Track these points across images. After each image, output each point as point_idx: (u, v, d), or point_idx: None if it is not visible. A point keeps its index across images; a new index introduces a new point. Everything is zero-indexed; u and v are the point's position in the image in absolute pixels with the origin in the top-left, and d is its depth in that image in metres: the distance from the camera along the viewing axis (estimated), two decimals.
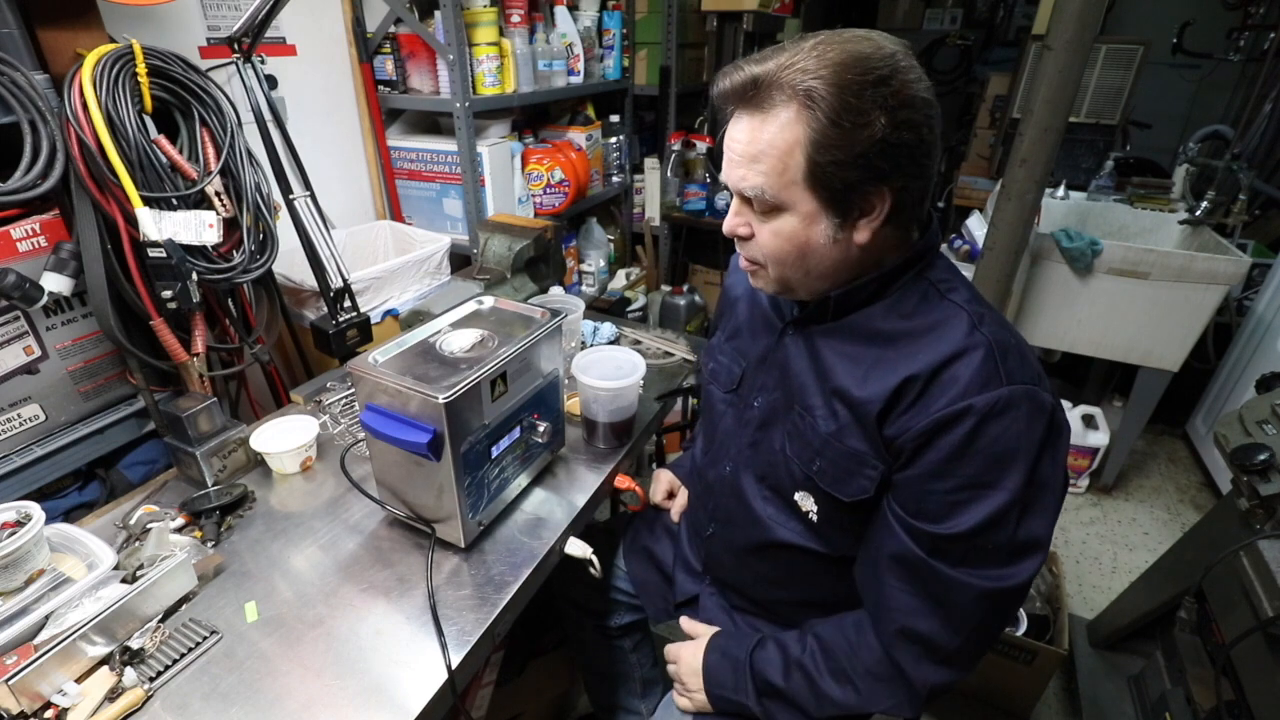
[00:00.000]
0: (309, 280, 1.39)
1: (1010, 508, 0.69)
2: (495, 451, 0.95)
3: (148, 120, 1.13)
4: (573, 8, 2.35)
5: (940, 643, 0.75)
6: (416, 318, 1.65)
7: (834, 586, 0.90)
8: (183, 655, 0.80)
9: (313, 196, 1.30)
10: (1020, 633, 1.60)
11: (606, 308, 2.73)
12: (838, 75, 0.64)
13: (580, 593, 1.28)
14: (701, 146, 2.97)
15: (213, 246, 1.20)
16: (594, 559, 1.02)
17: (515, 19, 2.01)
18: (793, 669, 0.86)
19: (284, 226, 1.31)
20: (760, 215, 0.74)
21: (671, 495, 1.23)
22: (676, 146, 2.89)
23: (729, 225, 0.78)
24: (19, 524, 0.82)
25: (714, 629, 0.99)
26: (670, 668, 1.01)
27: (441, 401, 0.81)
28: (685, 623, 1.04)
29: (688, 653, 0.98)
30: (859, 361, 0.77)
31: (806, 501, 0.85)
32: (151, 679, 0.77)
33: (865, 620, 0.83)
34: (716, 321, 1.09)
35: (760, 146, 0.69)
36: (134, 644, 0.80)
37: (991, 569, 0.72)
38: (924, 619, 0.75)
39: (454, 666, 0.79)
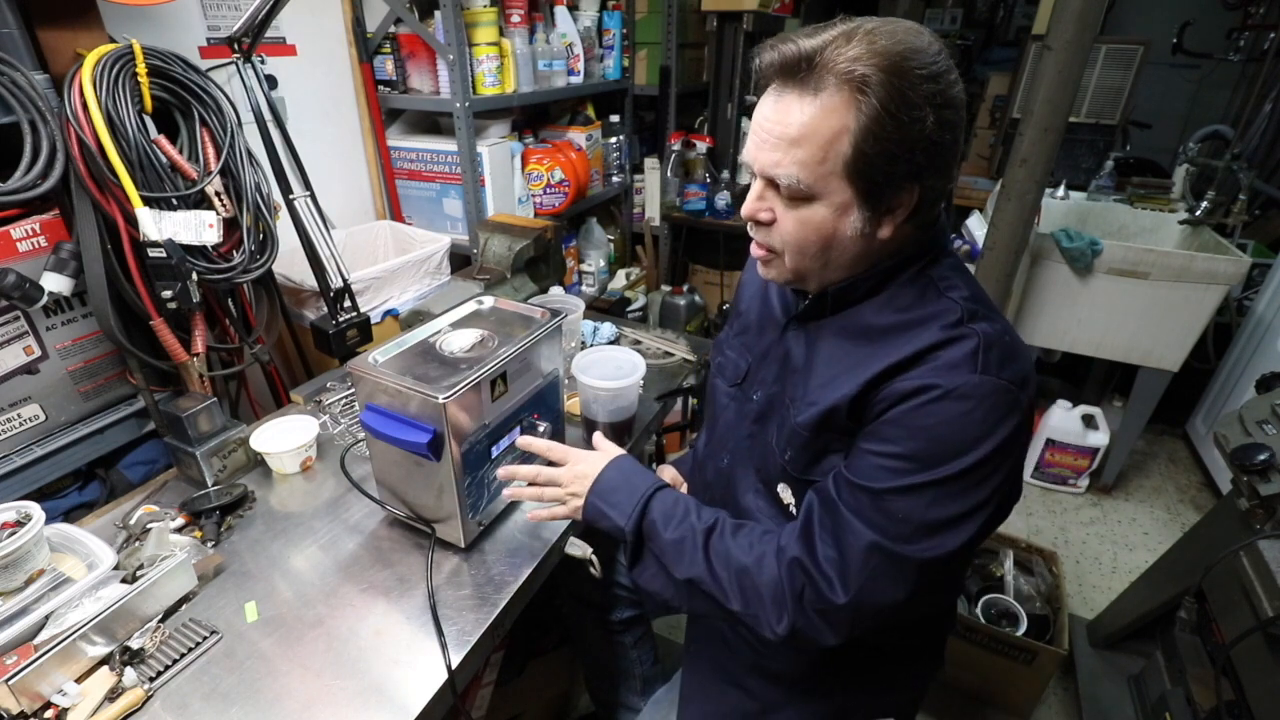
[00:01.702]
0: (309, 280, 1.39)
1: (928, 487, 0.68)
2: (495, 451, 0.95)
3: (148, 120, 1.13)
4: (573, 8, 2.35)
5: (827, 594, 0.71)
6: (416, 318, 1.65)
7: None
8: (183, 655, 0.80)
9: (313, 196, 1.30)
10: (1020, 633, 1.60)
11: (606, 308, 2.73)
12: (895, 66, 0.62)
13: (582, 587, 1.28)
14: (701, 146, 2.97)
15: (213, 246, 1.19)
16: (594, 559, 1.02)
17: (515, 19, 2.01)
18: (684, 527, 0.82)
19: (284, 226, 1.31)
20: (787, 201, 0.71)
21: None
22: (676, 146, 2.89)
23: (749, 209, 0.74)
24: (19, 524, 0.83)
25: (621, 450, 0.93)
26: (558, 471, 0.91)
27: (441, 401, 0.81)
28: (597, 442, 0.97)
29: (581, 456, 0.91)
30: (846, 357, 0.77)
31: (786, 494, 0.85)
32: (151, 679, 0.77)
33: (776, 534, 0.80)
34: (729, 316, 1.08)
35: (802, 130, 0.65)
36: (134, 644, 0.80)
37: (890, 531, 0.69)
38: (819, 561, 0.72)
39: (454, 666, 0.79)
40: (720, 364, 1.01)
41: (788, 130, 0.66)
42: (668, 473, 1.25)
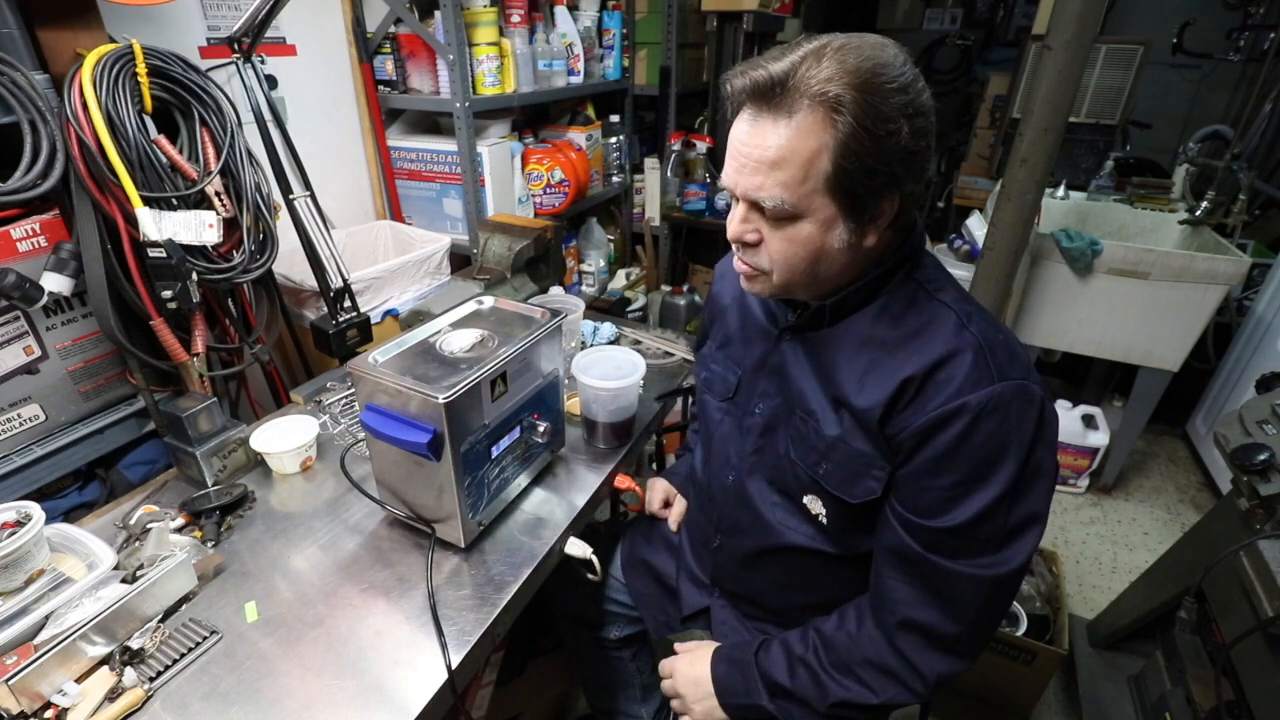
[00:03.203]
0: (309, 280, 1.39)
1: (1001, 500, 0.71)
2: (495, 451, 0.95)
3: (148, 120, 1.13)
4: (573, 8, 2.35)
5: (942, 631, 0.76)
6: (416, 318, 1.65)
7: (846, 587, 0.91)
8: (183, 655, 0.80)
9: (313, 196, 1.30)
10: (1020, 633, 1.60)
11: (606, 308, 2.73)
12: (865, 82, 0.64)
13: (576, 605, 1.26)
14: (701, 146, 2.97)
15: (213, 246, 1.19)
16: (594, 559, 1.02)
17: (515, 19, 2.01)
18: (797, 666, 0.86)
19: (284, 226, 1.31)
20: (772, 222, 0.72)
21: (667, 504, 1.22)
22: (676, 146, 2.89)
23: (735, 231, 0.74)
24: (19, 524, 0.82)
25: (712, 643, 0.98)
26: (666, 684, 0.99)
27: (441, 401, 0.81)
28: (679, 646, 1.02)
29: (683, 664, 0.97)
30: (856, 367, 0.78)
31: (815, 504, 0.85)
32: (151, 679, 0.77)
33: (866, 611, 0.84)
34: (706, 330, 1.08)
35: (781, 153, 0.66)
36: (134, 644, 0.80)
37: (986, 557, 0.73)
38: (923, 609, 0.76)
39: (454, 666, 0.79)
40: (707, 379, 1.01)
41: (766, 153, 0.67)
42: (659, 485, 1.22)
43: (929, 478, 0.73)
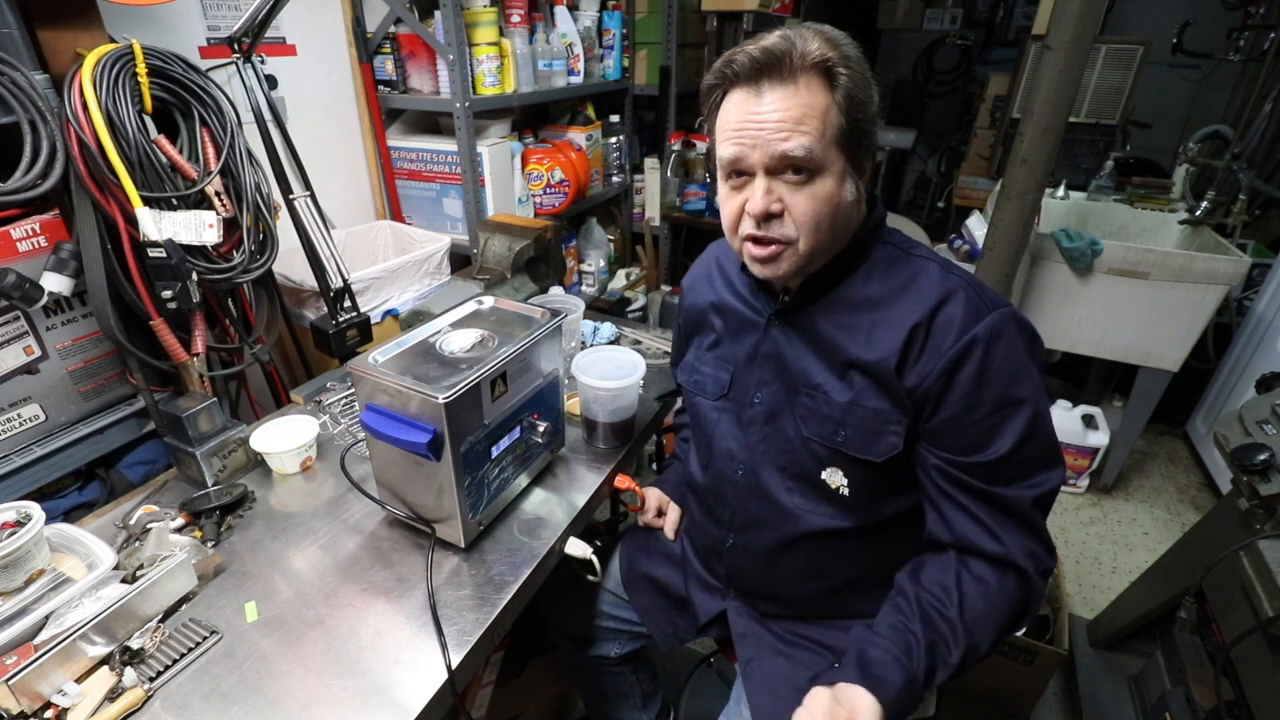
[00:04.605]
0: (309, 280, 1.39)
1: (1036, 416, 0.77)
2: (495, 451, 0.95)
3: (148, 120, 1.13)
4: (573, 8, 2.35)
5: (1045, 559, 0.81)
6: (416, 318, 1.65)
7: (872, 562, 0.92)
8: (183, 655, 0.80)
9: (313, 196, 1.30)
10: (1020, 633, 1.60)
11: (606, 308, 2.73)
12: (848, 49, 0.73)
13: (572, 624, 1.25)
14: (701, 146, 2.97)
15: (213, 246, 1.19)
16: (594, 559, 1.02)
17: (515, 19, 2.01)
18: (925, 656, 0.76)
19: (284, 226, 1.31)
20: (793, 186, 0.76)
21: (661, 513, 1.19)
22: (676, 146, 2.89)
23: (761, 205, 0.76)
24: (19, 524, 0.83)
25: (850, 689, 0.75)
26: None
27: (441, 401, 0.81)
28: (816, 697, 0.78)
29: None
30: (857, 330, 0.82)
31: (835, 477, 0.86)
32: (151, 679, 0.77)
33: (977, 573, 0.80)
34: (686, 340, 1.07)
35: (803, 110, 0.73)
36: (134, 644, 0.80)
37: (1038, 476, 0.78)
38: (1027, 540, 0.80)
39: (454, 666, 0.79)
40: (698, 382, 1.01)
41: (789, 113, 0.73)
42: (652, 495, 1.20)
43: (966, 415, 0.77)
